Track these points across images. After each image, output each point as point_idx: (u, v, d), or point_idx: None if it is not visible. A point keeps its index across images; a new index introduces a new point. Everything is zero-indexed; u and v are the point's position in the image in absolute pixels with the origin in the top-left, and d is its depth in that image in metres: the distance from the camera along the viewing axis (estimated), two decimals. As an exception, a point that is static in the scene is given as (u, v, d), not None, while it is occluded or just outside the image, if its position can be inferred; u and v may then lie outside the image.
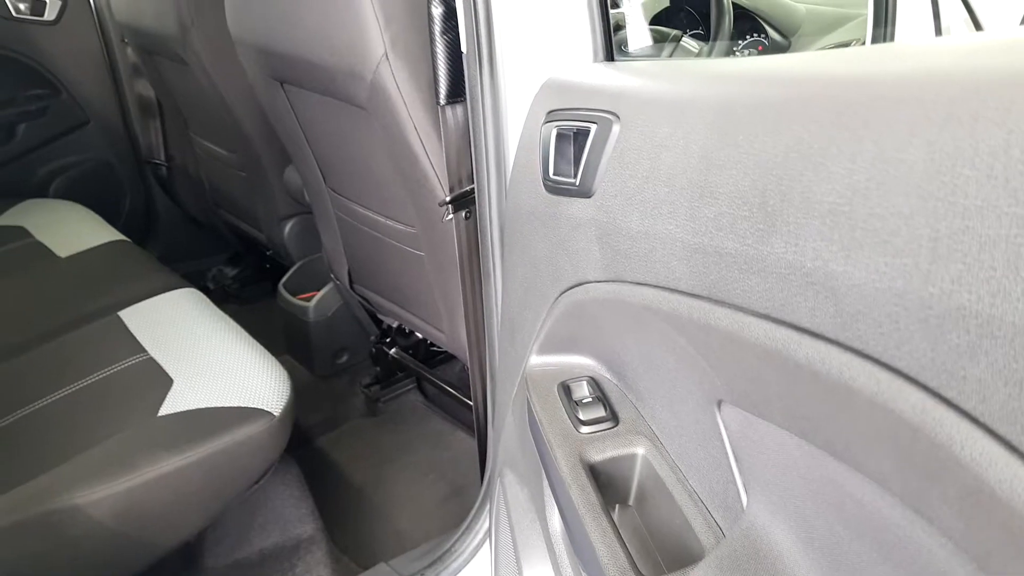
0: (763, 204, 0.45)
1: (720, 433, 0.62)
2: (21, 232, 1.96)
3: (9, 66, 2.19)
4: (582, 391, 0.82)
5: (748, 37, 1.83)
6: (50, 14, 2.21)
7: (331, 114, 1.44)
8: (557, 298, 0.80)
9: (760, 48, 1.80)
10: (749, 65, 0.55)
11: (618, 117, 0.66)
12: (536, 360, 0.88)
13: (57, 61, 2.25)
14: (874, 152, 0.38)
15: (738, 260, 0.47)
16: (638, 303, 0.62)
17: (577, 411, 0.79)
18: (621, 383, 0.82)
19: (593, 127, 0.70)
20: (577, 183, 0.73)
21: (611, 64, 0.84)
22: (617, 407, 0.80)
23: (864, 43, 1.51)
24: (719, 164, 0.49)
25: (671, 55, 1.69)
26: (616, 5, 1.84)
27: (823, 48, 1.67)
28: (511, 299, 0.98)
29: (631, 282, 0.63)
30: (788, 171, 0.43)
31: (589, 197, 0.70)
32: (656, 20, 1.97)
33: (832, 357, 0.41)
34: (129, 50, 2.28)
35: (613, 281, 0.66)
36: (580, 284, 0.75)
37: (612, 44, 0.87)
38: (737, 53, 1.72)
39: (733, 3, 1.75)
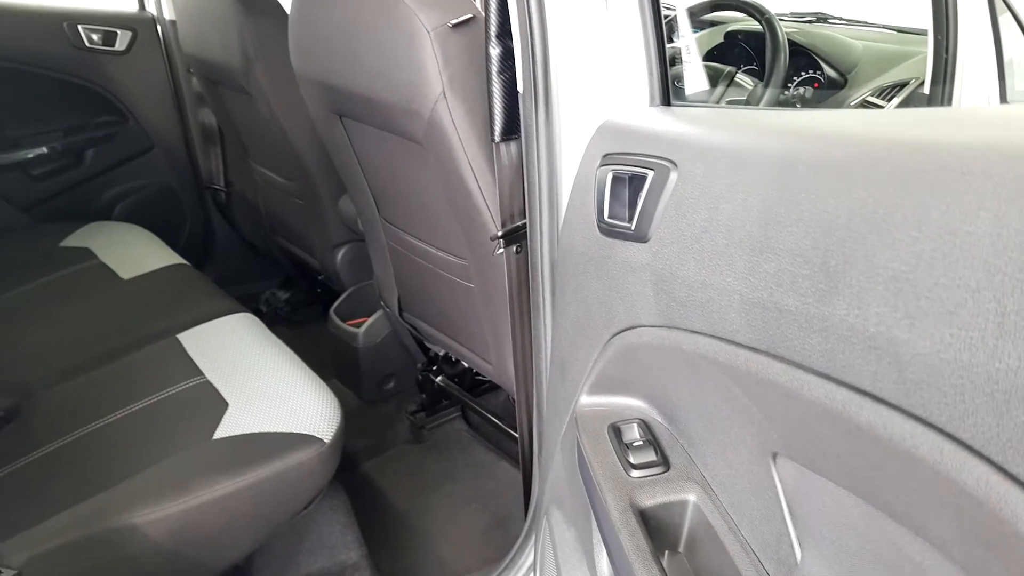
0: (825, 265, 0.45)
1: (775, 485, 0.61)
2: (87, 254, 2.03)
3: (81, 94, 2.29)
4: (633, 434, 0.82)
5: (803, 74, 1.82)
6: (121, 44, 2.31)
7: (387, 147, 1.47)
8: (609, 340, 0.81)
9: (816, 85, 1.79)
10: (810, 120, 0.55)
11: (675, 165, 0.67)
12: (586, 400, 0.89)
13: (126, 89, 2.35)
14: (940, 222, 0.38)
15: (798, 318, 0.48)
16: (693, 351, 0.62)
17: (628, 454, 0.79)
18: (672, 427, 0.82)
19: (650, 173, 0.71)
20: (632, 228, 0.73)
21: (668, 109, 0.85)
22: (668, 451, 0.79)
23: (923, 82, 1.50)
24: (779, 220, 0.50)
25: (725, 91, 1.69)
26: (671, 40, 1.85)
27: (881, 85, 1.65)
28: (562, 337, 0.99)
29: (687, 330, 0.63)
30: (851, 234, 0.43)
31: (644, 242, 0.71)
32: (710, 56, 1.98)
33: (894, 423, 0.40)
34: (194, 80, 2.37)
35: (668, 327, 0.67)
36: (633, 327, 0.75)
37: (669, 88, 0.88)
38: (792, 90, 1.71)
39: (788, 39, 1.75)
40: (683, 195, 0.64)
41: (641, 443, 0.81)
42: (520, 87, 1.08)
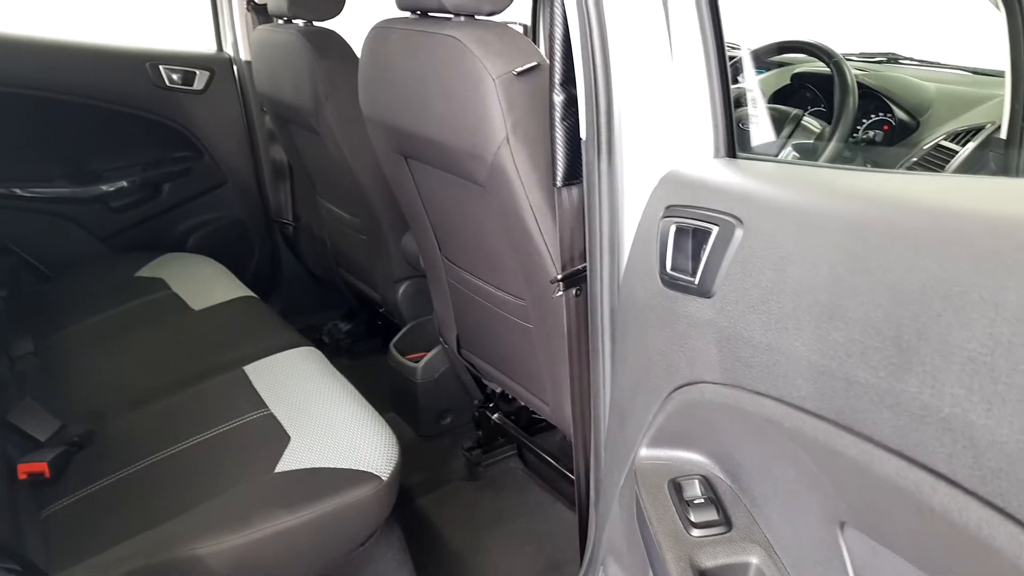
0: (897, 338, 0.44)
1: (842, 555, 0.59)
2: (160, 284, 2.11)
3: (160, 131, 2.40)
4: (694, 490, 0.81)
5: (873, 116, 1.79)
6: (199, 84, 2.42)
7: (450, 188, 1.50)
8: (671, 393, 0.80)
9: (886, 128, 1.75)
10: (881, 183, 0.54)
11: (741, 222, 0.66)
12: (646, 452, 0.88)
13: (202, 126, 2.45)
14: (1019, 305, 0.37)
15: (868, 391, 0.46)
16: (758, 413, 0.61)
17: (688, 512, 0.77)
18: (735, 485, 0.80)
19: (715, 229, 0.70)
20: (696, 282, 0.73)
21: (734, 162, 0.84)
22: (730, 510, 0.78)
23: (1000, 127, 1.45)
24: (849, 288, 0.49)
25: (791, 134, 1.67)
26: (736, 82, 1.84)
27: (955, 129, 1.61)
28: (621, 385, 0.98)
29: (752, 391, 0.62)
30: (925, 309, 0.42)
31: (708, 298, 0.70)
32: (776, 98, 1.96)
33: (971, 510, 0.39)
34: (267, 118, 2.45)
35: (732, 386, 0.66)
36: (696, 383, 0.74)
37: (735, 141, 0.87)
38: (861, 132, 1.68)
39: (857, 81, 1.72)
40: (749, 253, 0.64)
41: (702, 501, 0.79)
42: (583, 134, 1.09)
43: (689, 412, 0.78)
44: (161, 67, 2.35)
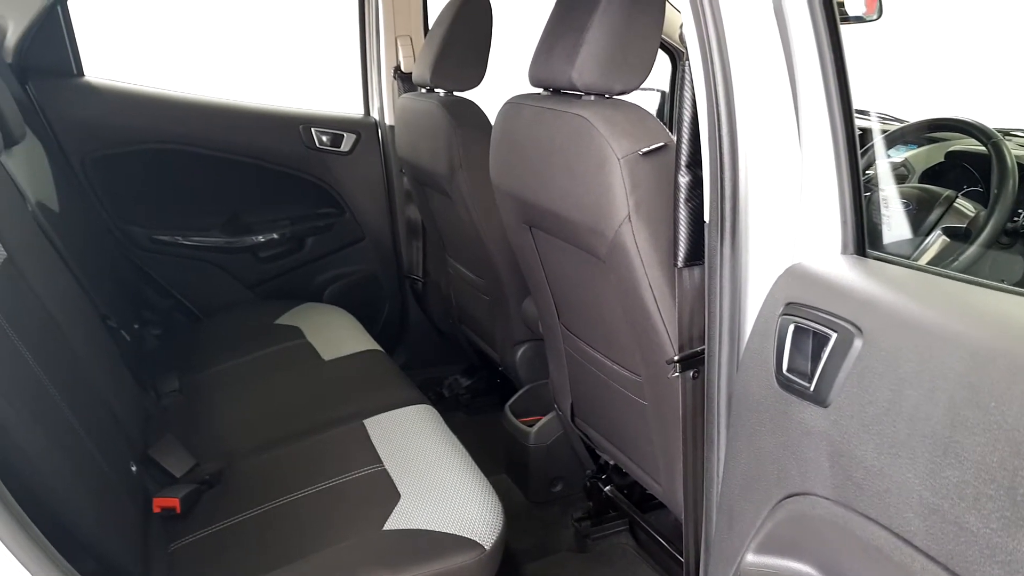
0: (1012, 490, 0.40)
1: None
2: (296, 332, 2.23)
3: (309, 188, 2.57)
4: (802, 607, 0.76)
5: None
6: (345, 146, 2.58)
7: (571, 260, 1.51)
8: (781, 501, 0.76)
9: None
10: (1018, 309, 0.50)
11: (860, 332, 0.63)
12: (753, 559, 0.83)
13: (346, 185, 2.60)
14: None
15: (979, 540, 0.42)
16: (868, 540, 0.57)
17: (795, 630, 0.73)
18: (848, 607, 0.74)
19: (833, 335, 0.67)
20: (811, 388, 0.70)
21: (862, 261, 0.80)
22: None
23: None
24: (967, 424, 0.45)
25: (942, 217, 1.57)
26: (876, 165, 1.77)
27: None
28: (731, 485, 0.94)
29: (862, 514, 0.58)
30: (1055, 461, 0.38)
31: (823, 407, 0.67)
32: (928, 176, 1.86)
33: None
34: (405, 179, 2.58)
35: (842, 506, 0.62)
36: (806, 494, 0.70)
37: (865, 237, 0.84)
38: (1022, 219, 1.56)
39: (1020, 163, 1.61)
40: (867, 367, 0.60)
41: (811, 619, 0.74)
42: (707, 216, 1.07)
43: (799, 523, 0.73)
44: (313, 129, 2.52)
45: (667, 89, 3.00)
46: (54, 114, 2.23)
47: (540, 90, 1.48)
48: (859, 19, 2.31)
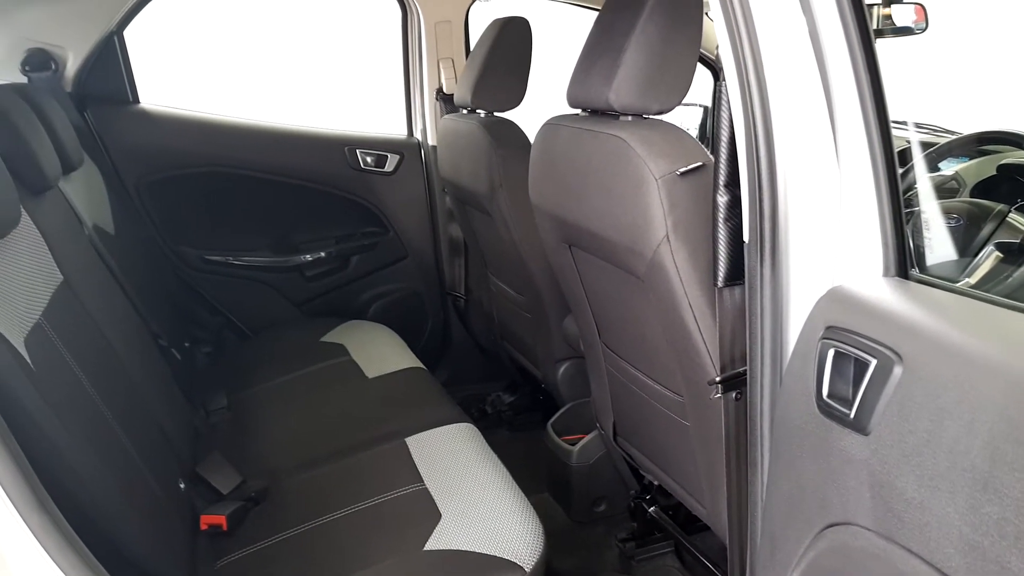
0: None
1: None
2: (341, 350, 2.26)
3: (354, 209, 2.62)
4: (846, 639, 0.74)
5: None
6: (389, 166, 2.62)
7: (611, 278, 1.50)
8: (823, 530, 0.74)
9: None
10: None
11: (900, 359, 0.62)
12: (796, 588, 0.82)
13: (389, 205, 2.64)
14: None
15: (1029, 580, 0.41)
16: (910, 574, 0.55)
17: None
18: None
19: (873, 362, 0.66)
20: (852, 416, 0.68)
21: (903, 284, 0.78)
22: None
23: None
24: (1007, 460, 0.44)
25: (994, 232, 1.53)
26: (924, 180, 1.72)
27: None
28: (773, 511, 0.92)
29: (903, 547, 0.57)
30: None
31: (864, 435, 0.65)
32: (980, 190, 1.81)
33: None
34: (447, 198, 2.60)
35: (884, 537, 0.60)
36: (848, 524, 0.69)
37: (907, 258, 0.82)
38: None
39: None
40: (906, 395, 0.59)
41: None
42: (746, 236, 1.06)
43: (842, 553, 0.72)
44: (358, 151, 2.57)
45: (709, 104, 2.98)
46: (111, 140, 2.32)
47: (579, 110, 1.49)
48: (908, 30, 2.27)
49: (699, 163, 1.22)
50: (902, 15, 2.22)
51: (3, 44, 2.14)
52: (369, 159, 2.58)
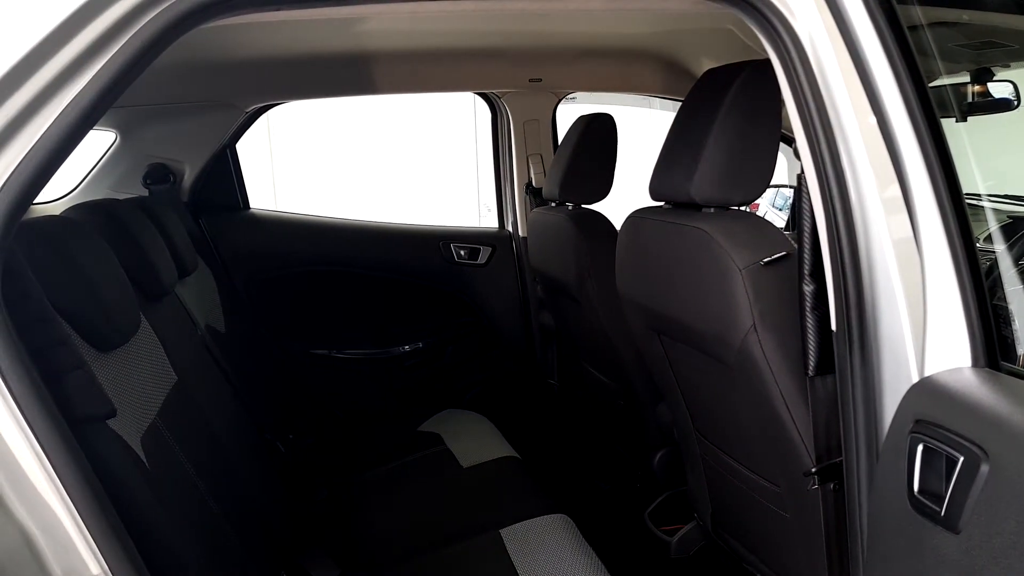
0: None
1: None
2: (437, 439, 2.31)
3: (448, 300, 2.72)
4: None
5: None
6: (482, 258, 2.72)
7: (701, 366, 1.50)
8: (924, 634, 0.71)
9: None
10: None
11: (987, 455, 0.60)
12: None
13: (482, 295, 2.73)
14: None
15: None
16: None
17: None
18: None
19: (960, 458, 0.65)
20: (943, 513, 0.66)
21: (992, 375, 0.77)
22: None
23: None
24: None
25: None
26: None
27: None
28: (875, 611, 0.89)
29: (1006, 655, 0.54)
30: None
31: (955, 533, 0.64)
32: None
33: None
34: (538, 288, 2.67)
35: (986, 644, 0.58)
36: (951, 629, 0.66)
37: (996, 349, 0.80)
38: None
39: None
40: (993, 493, 0.58)
41: None
42: (833, 326, 1.06)
43: (946, 660, 0.69)
44: (452, 245, 2.68)
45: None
46: (223, 244, 2.51)
47: (662, 203, 1.53)
48: (1006, 103, 2.23)
49: (783, 253, 1.23)
50: (999, 89, 2.19)
51: (128, 161, 2.37)
52: (463, 252, 2.69)
